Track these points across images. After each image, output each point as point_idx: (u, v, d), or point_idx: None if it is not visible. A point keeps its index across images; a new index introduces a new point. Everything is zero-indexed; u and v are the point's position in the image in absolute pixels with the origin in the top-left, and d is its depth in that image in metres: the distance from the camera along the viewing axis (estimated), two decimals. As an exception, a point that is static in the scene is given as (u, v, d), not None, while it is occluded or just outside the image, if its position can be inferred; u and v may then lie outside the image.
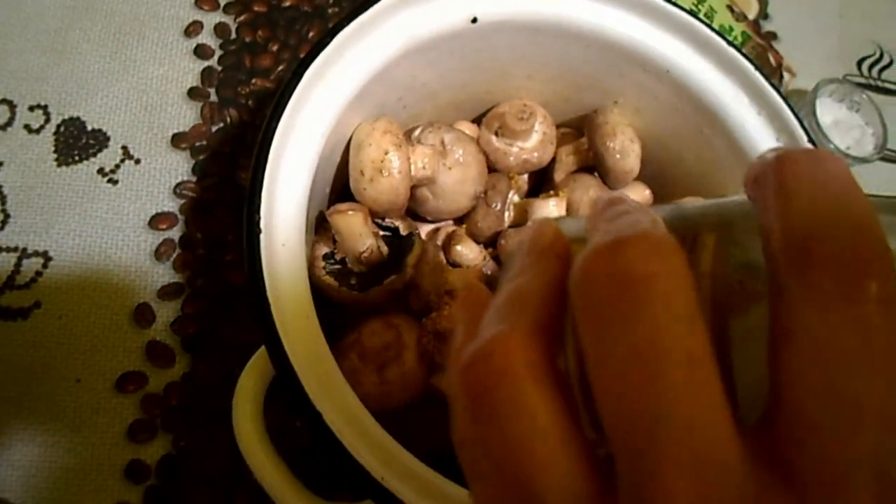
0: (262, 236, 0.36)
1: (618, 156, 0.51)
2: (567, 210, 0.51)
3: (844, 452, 0.15)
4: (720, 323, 0.19)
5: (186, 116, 0.60)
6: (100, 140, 0.58)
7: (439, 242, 0.52)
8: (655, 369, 0.15)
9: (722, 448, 0.15)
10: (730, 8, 0.67)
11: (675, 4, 0.46)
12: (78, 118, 0.58)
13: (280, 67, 0.63)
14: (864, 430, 0.15)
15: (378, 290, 0.44)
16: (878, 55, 0.80)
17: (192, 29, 0.62)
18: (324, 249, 0.46)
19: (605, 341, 0.16)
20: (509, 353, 0.17)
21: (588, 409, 0.17)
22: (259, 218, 0.36)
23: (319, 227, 0.47)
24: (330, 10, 0.66)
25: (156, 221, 0.56)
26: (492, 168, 0.53)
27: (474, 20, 0.45)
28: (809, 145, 0.45)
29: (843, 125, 0.69)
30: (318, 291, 0.43)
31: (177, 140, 0.59)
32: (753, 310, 0.19)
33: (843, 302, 0.15)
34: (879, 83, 0.78)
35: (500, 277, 0.20)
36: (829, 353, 0.15)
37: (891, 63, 0.79)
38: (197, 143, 0.59)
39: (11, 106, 0.57)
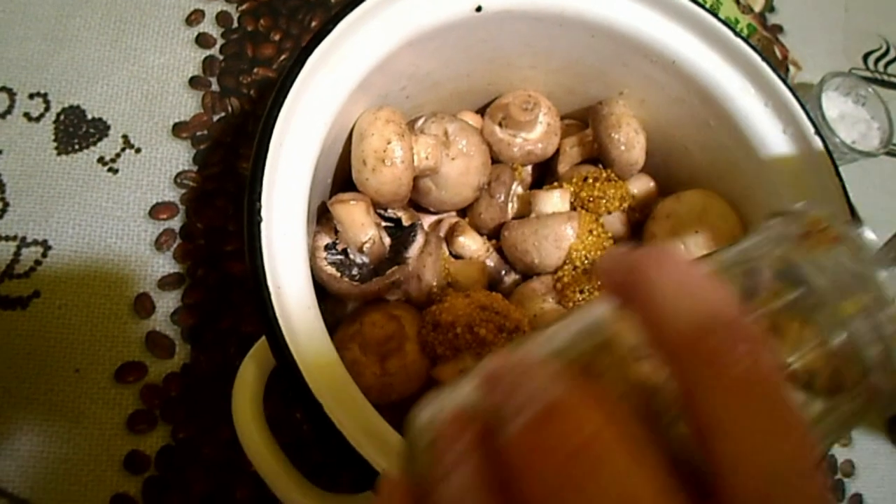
0: (262, 225, 0.36)
1: (623, 147, 0.50)
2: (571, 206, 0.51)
3: None
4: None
5: (187, 105, 0.59)
6: (100, 129, 0.57)
7: (442, 234, 0.51)
8: None
9: None
10: (735, 0, 0.66)
11: (682, -6, 0.45)
12: (78, 106, 0.58)
13: (282, 57, 0.62)
14: (796, 496, 0.16)
15: (380, 281, 0.44)
16: (884, 49, 0.80)
17: (194, 17, 0.62)
18: (325, 240, 0.45)
19: None
20: None
21: None
22: (260, 206, 0.36)
23: (321, 217, 0.46)
24: None
25: (156, 211, 0.56)
26: (495, 159, 0.52)
27: (479, 9, 0.44)
28: (818, 138, 0.44)
29: (849, 119, 0.68)
30: (320, 282, 0.43)
31: (178, 129, 0.58)
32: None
33: (737, 387, 0.17)
34: (885, 77, 0.78)
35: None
36: (744, 436, 0.16)
37: (897, 57, 0.79)
38: (198, 133, 0.58)
39: (11, 94, 0.57)
